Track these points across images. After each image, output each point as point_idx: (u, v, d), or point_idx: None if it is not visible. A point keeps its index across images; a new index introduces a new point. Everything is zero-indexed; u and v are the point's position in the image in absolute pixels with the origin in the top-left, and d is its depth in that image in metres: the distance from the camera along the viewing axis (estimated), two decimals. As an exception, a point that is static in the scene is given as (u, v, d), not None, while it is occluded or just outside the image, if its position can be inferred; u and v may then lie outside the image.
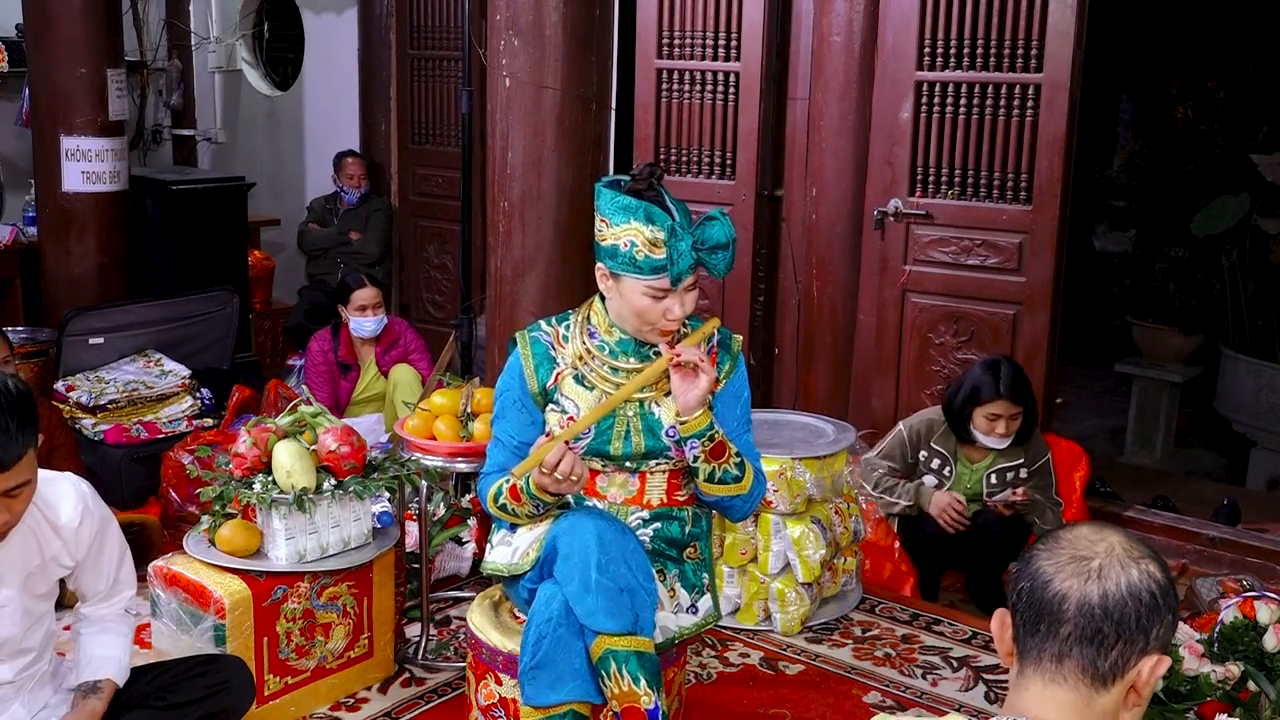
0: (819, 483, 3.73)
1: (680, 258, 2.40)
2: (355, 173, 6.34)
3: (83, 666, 2.42)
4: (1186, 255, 6.63)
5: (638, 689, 2.35)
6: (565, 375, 2.59)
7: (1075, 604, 1.38)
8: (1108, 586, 1.39)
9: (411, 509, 3.62)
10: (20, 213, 6.07)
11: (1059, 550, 1.43)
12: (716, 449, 2.50)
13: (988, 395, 3.81)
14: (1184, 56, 7.37)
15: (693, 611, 2.63)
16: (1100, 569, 1.40)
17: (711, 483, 2.54)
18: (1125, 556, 1.41)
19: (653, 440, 2.55)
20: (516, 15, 3.93)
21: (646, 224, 2.40)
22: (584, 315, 2.64)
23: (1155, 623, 1.39)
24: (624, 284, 2.47)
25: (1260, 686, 2.60)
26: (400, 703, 3.27)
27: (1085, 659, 1.38)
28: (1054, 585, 1.40)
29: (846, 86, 4.70)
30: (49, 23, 5.17)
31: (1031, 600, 1.42)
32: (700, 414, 2.47)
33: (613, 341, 2.57)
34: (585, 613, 2.36)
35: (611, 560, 2.37)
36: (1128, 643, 1.38)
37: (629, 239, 2.41)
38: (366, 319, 4.92)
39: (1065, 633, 1.39)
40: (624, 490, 2.60)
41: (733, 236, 2.47)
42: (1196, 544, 4.40)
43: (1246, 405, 6.13)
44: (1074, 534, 1.45)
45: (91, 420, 4.55)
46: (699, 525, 2.69)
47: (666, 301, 2.45)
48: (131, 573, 2.54)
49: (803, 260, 4.93)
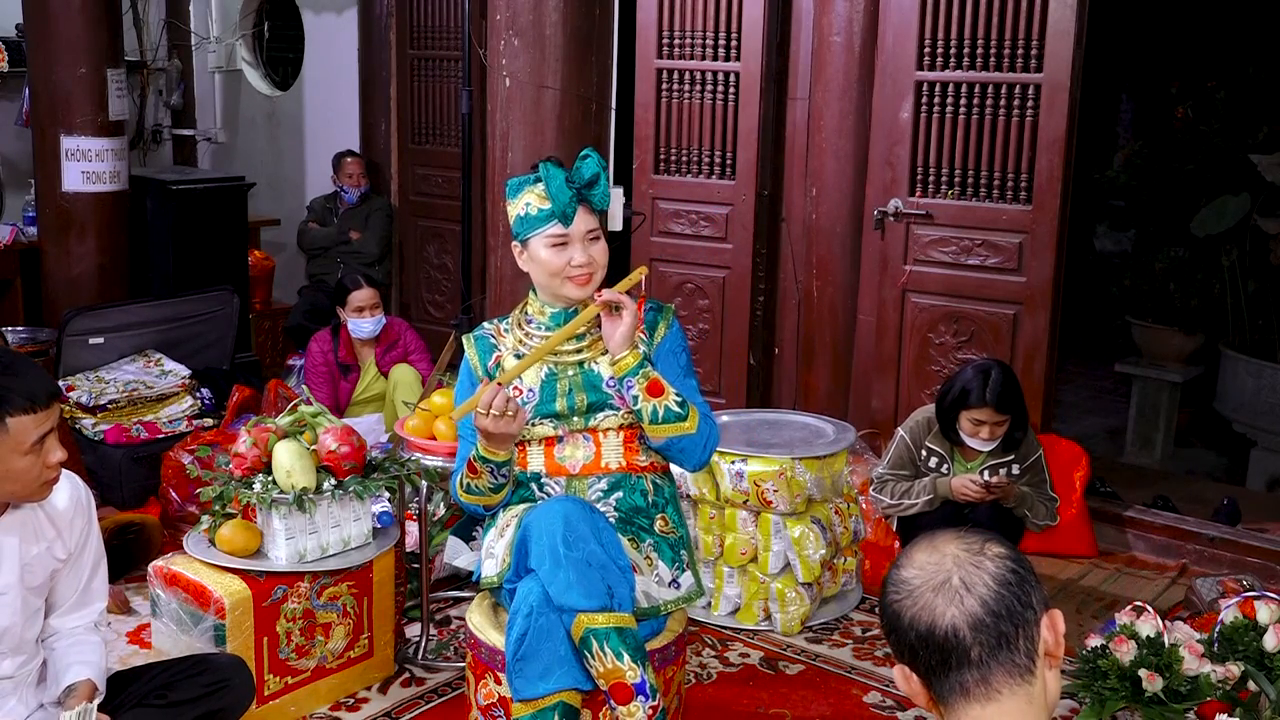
0: (819, 483, 3.73)
1: (559, 193, 2.60)
2: (354, 172, 6.35)
3: (61, 674, 2.39)
4: (1186, 255, 6.63)
5: (621, 664, 2.38)
6: (505, 356, 2.73)
7: (968, 627, 1.38)
8: (981, 593, 1.39)
9: (411, 509, 3.62)
10: (20, 213, 6.07)
11: (915, 591, 1.42)
12: (653, 386, 2.60)
13: (973, 401, 3.80)
14: (1184, 56, 7.37)
15: (675, 586, 2.67)
16: (963, 583, 1.40)
17: (656, 423, 2.60)
18: (970, 556, 1.42)
19: (595, 394, 2.66)
20: (516, 15, 3.94)
21: (533, 185, 2.65)
22: (520, 310, 2.81)
23: (1030, 591, 1.41)
24: (530, 246, 2.65)
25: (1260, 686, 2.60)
26: (400, 703, 3.27)
27: (1005, 664, 1.39)
28: (939, 624, 1.39)
29: (846, 86, 4.70)
30: (49, 22, 5.17)
31: (928, 647, 1.41)
32: (629, 353, 2.61)
33: (546, 319, 2.72)
34: (558, 590, 2.40)
35: (579, 537, 2.42)
36: (1024, 624, 1.39)
37: (524, 203, 2.65)
38: (364, 320, 4.92)
39: (976, 655, 1.38)
40: (581, 457, 2.66)
41: (603, 166, 2.67)
42: (1196, 544, 4.40)
43: (1246, 405, 6.13)
44: (913, 567, 1.43)
45: (91, 420, 4.55)
46: (661, 495, 2.73)
47: (569, 250, 2.62)
48: (104, 585, 2.52)
49: (803, 260, 4.93)
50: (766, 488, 3.63)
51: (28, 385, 2.16)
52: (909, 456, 4.04)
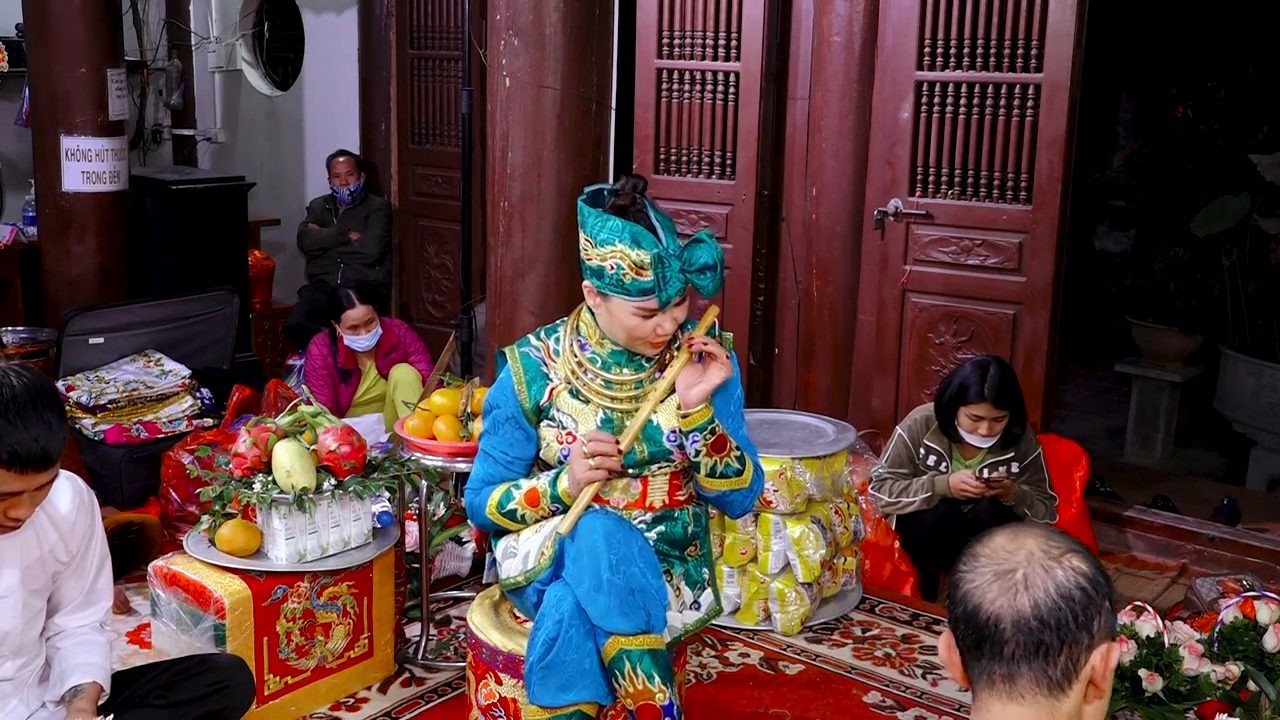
0: (819, 483, 3.73)
1: (668, 283, 2.38)
2: (342, 170, 6.35)
3: (66, 675, 2.38)
4: (1186, 255, 6.63)
5: (652, 686, 2.36)
6: (560, 391, 2.58)
7: (1010, 622, 1.36)
8: (1037, 595, 1.35)
9: (411, 509, 3.62)
10: (20, 213, 6.07)
11: (980, 568, 1.40)
12: (718, 443, 2.50)
13: (972, 396, 3.81)
14: (1184, 56, 7.37)
15: (696, 608, 2.65)
16: (1025, 579, 1.37)
17: (713, 477, 2.54)
18: (1045, 558, 1.38)
19: (654, 447, 2.56)
20: (516, 15, 3.93)
21: (633, 248, 2.37)
22: (573, 326, 2.63)
23: (1093, 615, 1.36)
24: (612, 303, 2.46)
25: (1260, 686, 2.60)
26: (400, 703, 3.27)
27: (1036, 672, 1.36)
28: (985, 608, 1.37)
29: (846, 86, 4.70)
30: (49, 23, 5.17)
31: (969, 625, 1.39)
32: (702, 408, 2.47)
33: (604, 353, 2.57)
34: (598, 614, 2.37)
35: (622, 560, 2.38)
36: (1072, 644, 1.35)
37: (615, 262, 2.39)
38: (359, 337, 4.92)
39: (1009, 652, 1.36)
40: (626, 495, 2.60)
41: (719, 258, 2.45)
42: (1196, 544, 4.40)
43: (1246, 405, 6.13)
44: (991, 546, 1.41)
45: (91, 420, 4.55)
46: (699, 524, 2.70)
47: (656, 319, 2.45)
48: (109, 585, 2.51)
49: (803, 260, 4.93)
50: (766, 488, 3.63)
51: (16, 441, 2.01)
52: (907, 455, 4.04)
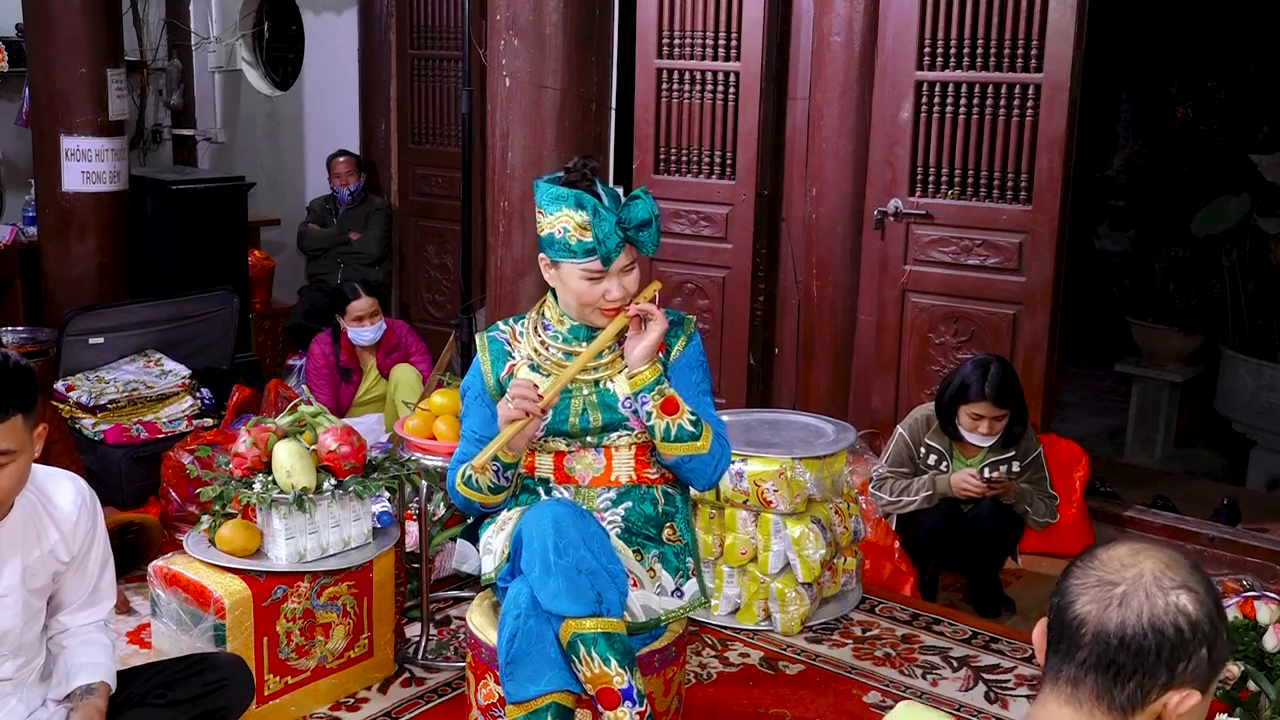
0: (819, 483, 3.73)
1: (607, 237, 2.49)
2: (342, 170, 6.35)
3: (73, 674, 2.38)
4: (1186, 255, 6.62)
5: (609, 670, 2.37)
6: (520, 366, 2.67)
7: (1092, 630, 1.33)
8: (1127, 616, 1.32)
9: (411, 509, 3.62)
10: (20, 213, 6.08)
11: (1089, 570, 1.37)
12: (667, 404, 2.56)
13: (973, 395, 3.82)
14: (1184, 56, 7.36)
15: (678, 595, 2.65)
16: (1123, 596, 1.33)
17: (668, 441, 2.57)
18: (1155, 585, 1.33)
19: (610, 414, 2.62)
20: (516, 15, 3.94)
21: (576, 209, 2.51)
22: (538, 311, 2.73)
23: (1181, 658, 1.31)
24: (563, 270, 2.57)
25: (1260, 686, 2.60)
26: (400, 703, 3.27)
27: (1100, 687, 1.33)
28: (1075, 607, 1.35)
29: (846, 86, 4.70)
30: (49, 22, 5.17)
31: (1057, 618, 1.37)
32: (648, 368, 2.56)
33: (565, 330, 2.66)
34: (547, 597, 2.39)
35: (569, 544, 2.40)
36: (1147, 675, 1.31)
37: (561, 225, 2.52)
38: (364, 329, 4.93)
39: (1080, 658, 1.34)
40: (591, 469, 2.65)
41: (655, 213, 2.55)
42: (1196, 544, 4.40)
43: (1246, 405, 6.12)
44: (1110, 554, 1.38)
45: (91, 420, 4.55)
46: (671, 504, 2.71)
47: (604, 284, 2.55)
48: (112, 584, 2.51)
49: (803, 260, 4.93)
50: (766, 488, 3.63)
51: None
52: (908, 454, 4.04)
